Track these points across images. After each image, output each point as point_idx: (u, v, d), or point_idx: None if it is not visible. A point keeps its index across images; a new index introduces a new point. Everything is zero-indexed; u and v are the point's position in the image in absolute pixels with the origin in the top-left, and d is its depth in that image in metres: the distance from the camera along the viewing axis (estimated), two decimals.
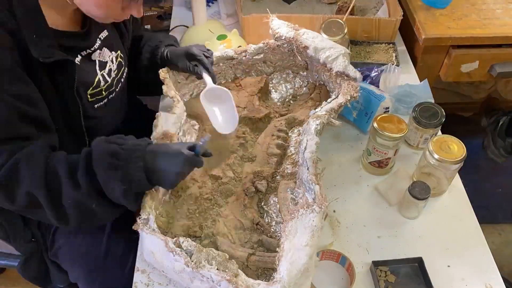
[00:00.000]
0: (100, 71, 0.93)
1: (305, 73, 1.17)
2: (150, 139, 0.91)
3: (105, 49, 0.94)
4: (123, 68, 1.02)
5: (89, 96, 0.91)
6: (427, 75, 1.24)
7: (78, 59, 0.88)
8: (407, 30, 1.40)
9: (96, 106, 0.94)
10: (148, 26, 1.75)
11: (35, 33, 0.77)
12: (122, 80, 1.02)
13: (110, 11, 0.81)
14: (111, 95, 0.98)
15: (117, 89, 1.00)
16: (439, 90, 1.77)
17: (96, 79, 0.92)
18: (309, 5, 1.50)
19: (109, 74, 0.95)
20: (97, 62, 0.92)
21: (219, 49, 1.21)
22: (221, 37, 1.27)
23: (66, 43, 0.84)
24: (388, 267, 0.88)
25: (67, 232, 1.00)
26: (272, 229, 0.89)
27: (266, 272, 0.81)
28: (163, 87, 1.03)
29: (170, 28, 1.49)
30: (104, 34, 0.95)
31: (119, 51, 1.00)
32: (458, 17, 1.35)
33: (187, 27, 1.44)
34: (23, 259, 1.03)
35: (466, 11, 1.37)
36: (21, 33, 0.76)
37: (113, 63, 0.97)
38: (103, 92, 0.95)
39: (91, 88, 0.91)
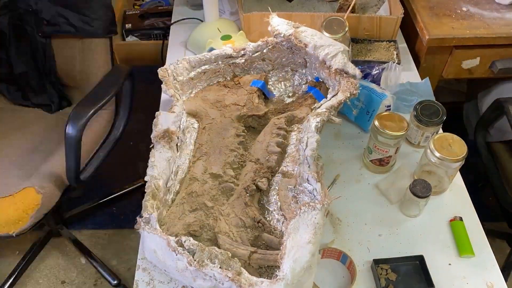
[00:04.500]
0: None
1: (304, 70, 1.17)
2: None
3: None
4: None
5: None
6: (431, 75, 1.24)
7: None
8: (408, 28, 1.40)
9: None
10: (129, 25, 1.74)
11: None
12: None
13: None
14: None
15: None
16: (443, 89, 1.77)
17: None
18: (310, 3, 1.49)
19: None
20: None
21: None
22: (226, 38, 1.27)
23: None
24: (389, 265, 0.89)
25: None
26: (273, 227, 0.89)
27: (268, 270, 0.82)
28: (162, 85, 1.03)
29: (172, 22, 1.50)
30: None
31: None
32: (462, 17, 1.35)
33: (200, 20, 1.45)
34: None
35: (470, 10, 1.37)
36: None
37: None
38: None
39: None
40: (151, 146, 0.94)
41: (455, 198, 1.01)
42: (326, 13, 1.28)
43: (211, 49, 1.18)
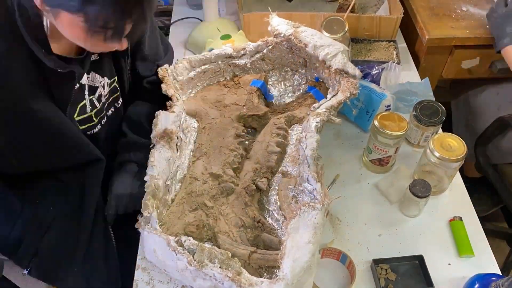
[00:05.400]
0: (89, 96, 0.92)
1: (304, 70, 1.17)
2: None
3: (93, 73, 0.92)
4: (117, 93, 1.01)
5: (78, 124, 0.90)
6: (430, 75, 1.24)
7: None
8: (408, 28, 1.40)
9: (88, 133, 0.94)
10: None
11: (43, 49, 0.77)
12: (117, 105, 1.01)
13: (91, 44, 0.77)
14: (103, 120, 0.98)
15: (108, 114, 0.99)
16: (442, 88, 1.76)
17: (82, 104, 0.90)
18: (310, 3, 1.49)
19: (99, 99, 0.94)
20: (86, 86, 0.90)
21: None
22: (225, 37, 1.27)
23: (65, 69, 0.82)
24: (389, 265, 0.89)
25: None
26: (273, 227, 0.89)
27: (268, 270, 0.82)
28: (162, 85, 1.03)
29: (172, 21, 1.49)
30: (94, 57, 0.92)
31: (115, 78, 0.98)
32: (462, 17, 1.35)
33: (200, 19, 1.46)
34: None
35: (470, 10, 1.37)
36: (20, 51, 0.76)
37: (104, 88, 0.95)
38: (94, 118, 0.94)
39: (76, 113, 0.89)
40: (151, 146, 0.94)
41: (455, 198, 1.01)
42: (326, 13, 1.28)
43: (212, 50, 1.18)
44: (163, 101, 1.03)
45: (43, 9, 0.73)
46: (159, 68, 1.05)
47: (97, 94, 0.93)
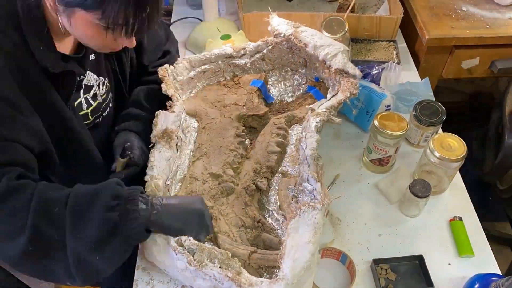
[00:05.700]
0: (84, 94, 0.92)
1: (304, 70, 1.17)
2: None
3: (89, 73, 0.92)
4: (111, 94, 1.02)
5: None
6: (430, 75, 1.24)
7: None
8: (408, 27, 1.40)
9: None
10: None
11: (43, 46, 0.76)
12: (111, 105, 1.02)
13: (102, 42, 0.77)
14: (98, 120, 0.98)
15: (104, 114, 0.99)
16: (442, 88, 1.76)
17: (77, 102, 0.91)
18: (310, 3, 1.50)
19: (94, 98, 0.94)
20: (82, 85, 0.91)
21: None
22: (225, 37, 1.28)
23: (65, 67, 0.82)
24: (389, 265, 0.89)
25: None
26: (273, 227, 0.89)
27: (268, 270, 0.82)
28: (162, 85, 1.03)
29: (172, 21, 1.49)
30: (91, 57, 0.93)
31: (108, 78, 0.99)
32: (462, 16, 1.35)
33: (200, 19, 1.46)
34: None
35: (469, 10, 1.37)
36: (26, 45, 0.75)
37: (99, 88, 0.95)
38: (89, 117, 0.94)
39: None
40: (150, 146, 0.94)
41: (455, 198, 1.01)
42: (326, 13, 1.28)
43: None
44: (163, 101, 1.03)
45: (55, 9, 0.72)
46: (159, 68, 1.05)
47: (91, 93, 0.93)
